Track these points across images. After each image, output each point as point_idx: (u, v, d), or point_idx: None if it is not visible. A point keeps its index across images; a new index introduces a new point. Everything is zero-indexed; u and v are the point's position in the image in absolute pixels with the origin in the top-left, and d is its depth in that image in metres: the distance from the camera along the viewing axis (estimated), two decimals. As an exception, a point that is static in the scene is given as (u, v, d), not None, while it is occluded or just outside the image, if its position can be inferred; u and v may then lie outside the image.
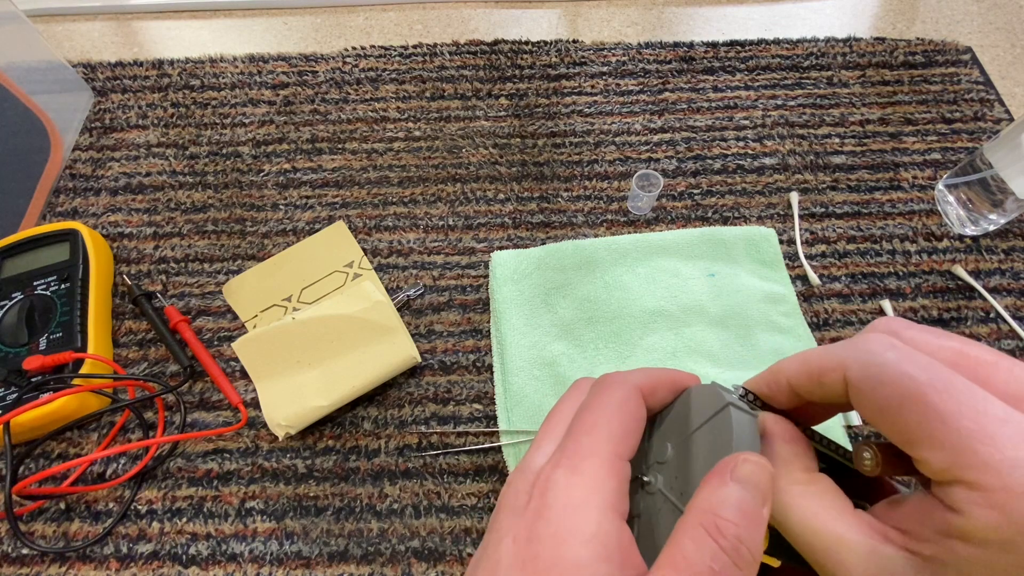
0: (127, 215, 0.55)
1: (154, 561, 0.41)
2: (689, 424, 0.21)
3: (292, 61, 0.64)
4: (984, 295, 0.48)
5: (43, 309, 0.46)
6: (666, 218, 0.53)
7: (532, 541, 0.17)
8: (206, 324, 0.49)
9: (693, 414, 0.21)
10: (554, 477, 0.18)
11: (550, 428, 0.21)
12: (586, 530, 0.17)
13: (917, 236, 0.51)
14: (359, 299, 0.46)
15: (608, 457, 0.18)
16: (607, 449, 0.18)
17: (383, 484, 0.43)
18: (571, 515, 0.17)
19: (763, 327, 0.46)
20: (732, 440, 0.18)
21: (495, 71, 0.62)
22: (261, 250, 0.53)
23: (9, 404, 0.43)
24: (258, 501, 0.42)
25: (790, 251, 0.51)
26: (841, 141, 0.56)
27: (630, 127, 0.58)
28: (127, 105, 0.61)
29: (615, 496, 0.18)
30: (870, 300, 0.49)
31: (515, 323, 0.46)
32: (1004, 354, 0.17)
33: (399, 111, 0.60)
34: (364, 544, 0.41)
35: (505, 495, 0.20)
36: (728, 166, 0.55)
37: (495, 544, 0.18)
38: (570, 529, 0.17)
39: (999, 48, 0.63)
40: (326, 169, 0.56)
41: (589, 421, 0.19)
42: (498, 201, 0.54)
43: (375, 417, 0.45)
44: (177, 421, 0.45)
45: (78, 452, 0.45)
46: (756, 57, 0.62)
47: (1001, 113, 0.57)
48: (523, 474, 0.20)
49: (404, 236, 0.53)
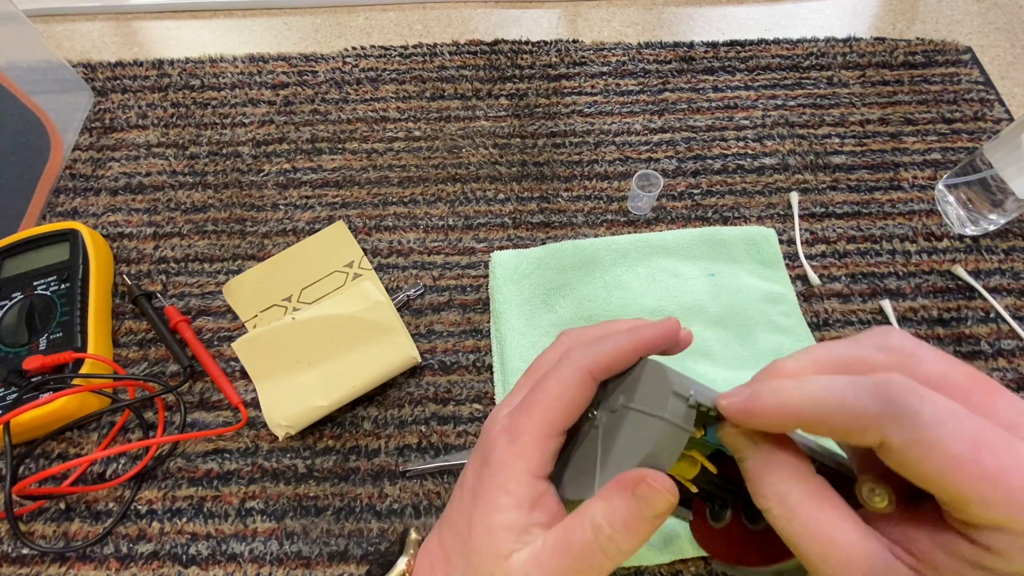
0: (127, 215, 0.55)
1: (154, 561, 0.41)
2: (633, 398, 0.23)
3: (292, 61, 0.64)
4: (984, 295, 0.48)
5: (43, 309, 0.46)
6: (666, 218, 0.53)
7: (478, 480, 0.24)
8: (206, 324, 0.49)
9: (639, 394, 0.23)
10: (500, 440, 0.24)
11: (525, 382, 0.26)
12: (508, 485, 0.23)
13: (917, 236, 0.51)
14: (359, 299, 0.46)
15: (539, 435, 0.23)
16: (541, 430, 0.23)
17: (383, 484, 0.43)
18: (502, 471, 0.23)
19: (763, 327, 0.46)
20: (647, 451, 0.21)
21: (495, 71, 0.62)
22: (261, 250, 0.53)
23: (9, 404, 0.43)
24: (258, 501, 0.42)
25: (790, 251, 0.51)
26: (841, 141, 0.56)
27: (630, 127, 0.58)
28: (127, 105, 0.61)
29: (538, 463, 0.23)
30: (870, 300, 0.49)
31: (515, 323, 0.46)
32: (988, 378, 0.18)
33: (399, 111, 0.60)
34: (364, 544, 0.41)
35: (484, 427, 0.26)
36: (728, 166, 0.55)
37: (467, 467, 0.26)
38: (499, 483, 0.23)
39: (999, 48, 0.63)
40: (326, 169, 0.56)
41: (537, 401, 0.24)
42: (498, 201, 0.54)
43: (375, 417, 0.45)
44: (177, 421, 0.45)
45: (78, 452, 0.45)
46: (756, 57, 0.62)
47: (1001, 113, 0.57)
48: (493, 418, 0.26)
49: (404, 236, 0.53)
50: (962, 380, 0.18)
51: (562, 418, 0.23)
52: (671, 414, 0.21)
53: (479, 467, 0.24)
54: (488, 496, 0.23)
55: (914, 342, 0.19)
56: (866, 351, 0.19)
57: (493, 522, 0.23)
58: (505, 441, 0.23)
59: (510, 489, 0.23)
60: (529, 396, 0.24)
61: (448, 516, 0.26)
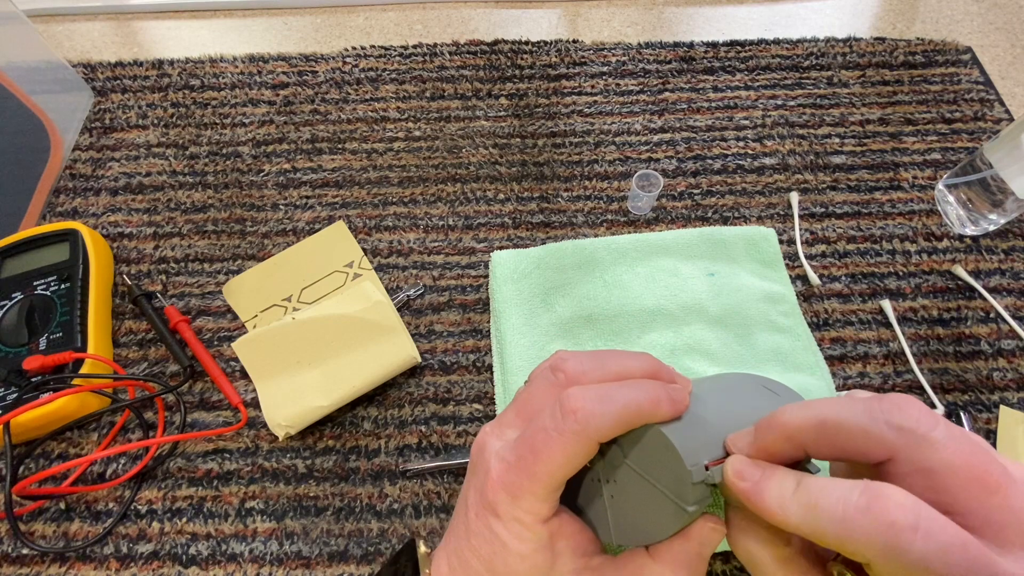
0: (127, 215, 0.55)
1: (154, 561, 0.41)
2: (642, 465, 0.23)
3: (292, 61, 0.64)
4: (984, 295, 0.48)
5: (43, 309, 0.46)
6: (666, 218, 0.53)
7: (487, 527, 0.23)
8: (206, 324, 0.49)
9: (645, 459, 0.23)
10: (501, 497, 0.23)
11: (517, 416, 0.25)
12: (523, 535, 0.23)
13: (917, 236, 0.51)
14: (359, 299, 0.46)
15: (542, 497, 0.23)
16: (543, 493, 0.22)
17: (383, 484, 0.43)
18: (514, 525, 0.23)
19: (762, 326, 0.46)
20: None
21: (495, 71, 0.62)
22: (261, 250, 0.53)
23: (9, 404, 0.43)
24: (258, 501, 0.42)
25: (790, 251, 0.51)
26: (841, 141, 0.56)
27: (630, 127, 0.58)
28: (127, 105, 0.61)
29: (547, 511, 0.23)
30: (870, 300, 0.49)
31: (515, 323, 0.46)
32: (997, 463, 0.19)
33: (399, 111, 0.60)
34: (364, 544, 0.41)
35: (475, 448, 0.25)
36: (728, 166, 0.55)
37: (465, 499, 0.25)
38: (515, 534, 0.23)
39: (999, 48, 0.63)
40: (326, 169, 0.56)
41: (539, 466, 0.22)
42: (498, 201, 0.54)
43: (375, 417, 0.45)
44: (177, 421, 0.45)
45: (78, 452, 0.45)
46: (756, 57, 0.62)
47: (1001, 113, 0.57)
48: (484, 440, 0.25)
49: (404, 236, 0.53)
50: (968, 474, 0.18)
51: (564, 479, 0.23)
52: (696, 504, 0.21)
53: (484, 513, 0.24)
54: (504, 545, 0.23)
55: (930, 423, 0.19)
56: (879, 427, 0.19)
57: (518, 569, 0.23)
58: (507, 497, 0.23)
59: (526, 538, 0.23)
60: (529, 454, 0.23)
61: (458, 552, 0.25)
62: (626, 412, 0.22)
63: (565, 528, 0.24)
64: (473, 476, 0.25)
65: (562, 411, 0.22)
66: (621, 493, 0.24)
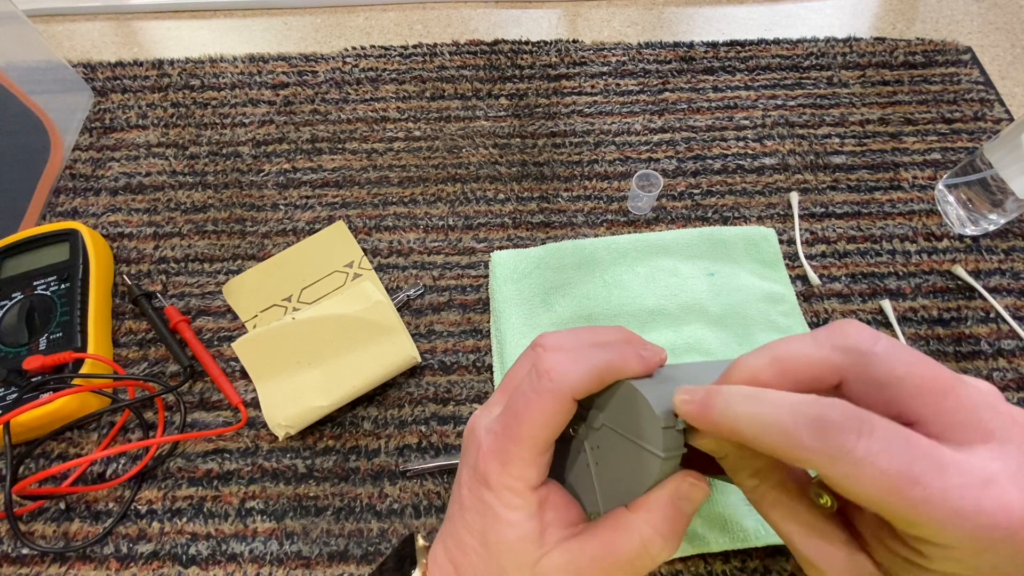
0: (127, 215, 0.55)
1: (154, 561, 0.41)
2: (617, 421, 0.24)
3: (292, 61, 0.64)
4: (984, 295, 0.48)
5: (43, 309, 0.46)
6: (666, 218, 0.53)
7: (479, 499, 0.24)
8: (206, 324, 0.49)
9: (621, 415, 0.24)
10: (492, 464, 0.24)
11: (503, 393, 0.27)
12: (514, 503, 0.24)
13: (917, 236, 0.51)
14: (359, 299, 0.46)
15: (529, 459, 0.24)
16: (530, 455, 0.24)
17: (383, 484, 0.43)
18: (504, 493, 0.24)
19: (762, 326, 0.46)
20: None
21: (495, 71, 0.62)
22: (261, 250, 0.53)
23: (9, 404, 0.43)
24: (258, 501, 0.42)
25: (790, 251, 0.51)
26: (841, 141, 0.56)
27: (630, 127, 0.58)
28: (127, 105, 0.61)
29: (535, 476, 0.24)
30: (870, 300, 0.49)
31: (515, 323, 0.46)
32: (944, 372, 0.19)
33: (399, 111, 0.60)
34: (364, 544, 0.41)
35: (467, 431, 0.27)
36: (728, 166, 0.55)
37: (460, 480, 0.26)
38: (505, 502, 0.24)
39: (999, 48, 0.63)
40: (326, 169, 0.56)
41: (522, 428, 0.24)
42: (498, 201, 0.54)
43: (375, 417, 0.45)
44: (177, 421, 0.45)
45: (78, 452, 0.45)
46: (756, 57, 0.62)
47: (1001, 113, 0.57)
48: (475, 422, 0.26)
49: (404, 236, 0.53)
50: (916, 381, 0.19)
51: (548, 439, 0.24)
52: (666, 450, 0.22)
53: (477, 486, 0.25)
54: (496, 515, 0.24)
55: (870, 339, 0.20)
56: (824, 351, 0.21)
57: (510, 537, 0.24)
58: (497, 465, 0.24)
59: (516, 505, 0.24)
60: (512, 419, 0.24)
61: (453, 533, 0.26)
62: (597, 367, 0.23)
63: (553, 498, 0.25)
64: (466, 455, 0.26)
65: (537, 373, 0.24)
66: (603, 457, 0.25)
